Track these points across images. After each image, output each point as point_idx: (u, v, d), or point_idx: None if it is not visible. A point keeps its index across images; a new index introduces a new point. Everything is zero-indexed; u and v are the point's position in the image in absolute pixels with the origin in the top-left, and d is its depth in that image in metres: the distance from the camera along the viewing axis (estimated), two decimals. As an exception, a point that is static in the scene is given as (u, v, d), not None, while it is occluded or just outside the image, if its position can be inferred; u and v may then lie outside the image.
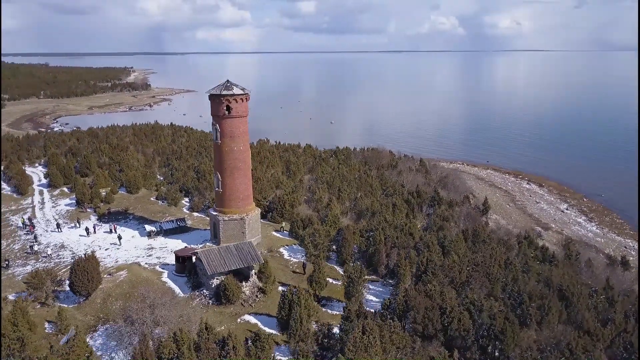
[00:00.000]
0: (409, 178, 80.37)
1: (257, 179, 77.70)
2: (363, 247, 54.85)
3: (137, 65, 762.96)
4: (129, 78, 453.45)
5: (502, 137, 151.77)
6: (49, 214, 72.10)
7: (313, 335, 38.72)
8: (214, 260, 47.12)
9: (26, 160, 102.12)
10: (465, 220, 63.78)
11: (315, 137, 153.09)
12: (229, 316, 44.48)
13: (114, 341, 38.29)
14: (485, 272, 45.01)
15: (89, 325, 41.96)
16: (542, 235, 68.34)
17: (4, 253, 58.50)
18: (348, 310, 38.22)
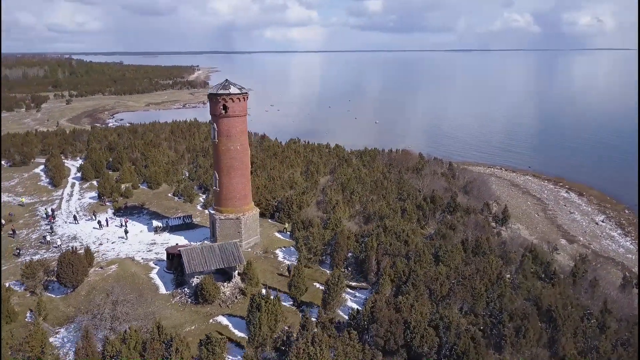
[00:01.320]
0: (426, 182, 77.18)
1: (271, 178, 77.78)
2: (357, 253, 53.10)
3: (205, 63, 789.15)
4: (193, 76, 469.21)
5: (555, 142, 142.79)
6: (73, 206, 75.51)
7: (273, 341, 37.82)
8: (194, 259, 47.24)
9: (69, 153, 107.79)
10: (474, 230, 60.29)
11: (354, 137, 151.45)
12: (203, 316, 44.43)
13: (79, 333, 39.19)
14: (471, 286, 42.18)
15: (68, 316, 43.24)
16: (559, 249, 63.28)
17: (22, 242, 61.89)
18: (305, 319, 36.99)
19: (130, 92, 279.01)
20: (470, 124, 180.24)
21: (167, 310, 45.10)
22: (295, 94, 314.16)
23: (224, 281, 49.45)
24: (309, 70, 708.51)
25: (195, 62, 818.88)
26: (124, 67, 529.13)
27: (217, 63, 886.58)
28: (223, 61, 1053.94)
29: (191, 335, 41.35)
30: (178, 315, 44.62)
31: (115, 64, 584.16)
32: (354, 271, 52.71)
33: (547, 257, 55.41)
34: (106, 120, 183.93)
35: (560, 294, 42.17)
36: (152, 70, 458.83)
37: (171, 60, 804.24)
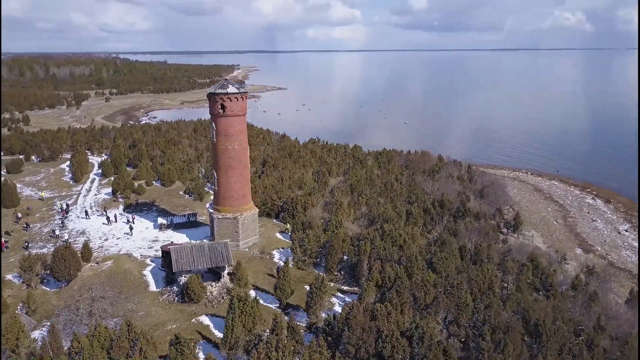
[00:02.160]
0: (436, 185, 74.96)
1: (280, 178, 77.55)
2: (352, 256, 52.09)
3: (247, 62, 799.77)
4: (232, 75, 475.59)
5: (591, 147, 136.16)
6: (89, 202, 77.63)
7: (245, 344, 37.42)
8: (182, 258, 47.47)
9: (95, 150, 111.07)
10: (477, 236, 58.02)
11: (379, 137, 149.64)
12: (187, 315, 44.57)
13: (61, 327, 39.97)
14: (457, 295, 40.49)
15: (56, 310, 44.19)
16: (572, 259, 60.07)
17: (33, 235, 64.03)
18: (275, 323, 36.38)
19: (167, 91, 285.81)
20: (505, 126, 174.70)
21: (153, 308, 45.52)
22: (329, 93, 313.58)
23: (214, 281, 49.59)
24: (347, 70, 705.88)
25: (239, 61, 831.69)
26: (166, 66, 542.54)
27: (258, 62, 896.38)
28: (265, 60, 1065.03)
29: (170, 334, 41.47)
30: (163, 313, 44.92)
31: (159, 63, 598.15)
32: (346, 275, 51.75)
33: (552, 266, 52.76)
34: (140, 118, 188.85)
35: (553, 307, 39.91)
36: (192, 69, 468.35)
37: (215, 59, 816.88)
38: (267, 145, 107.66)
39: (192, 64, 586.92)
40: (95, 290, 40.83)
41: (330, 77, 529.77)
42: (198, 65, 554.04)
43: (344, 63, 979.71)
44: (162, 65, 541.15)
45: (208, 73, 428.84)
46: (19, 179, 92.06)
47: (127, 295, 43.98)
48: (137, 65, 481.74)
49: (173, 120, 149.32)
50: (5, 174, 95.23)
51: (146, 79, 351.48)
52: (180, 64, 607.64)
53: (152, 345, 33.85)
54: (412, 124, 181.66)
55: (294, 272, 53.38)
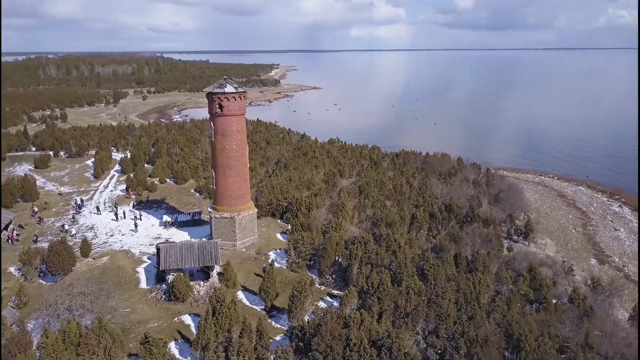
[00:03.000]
0: (446, 189, 72.61)
1: (289, 178, 77.18)
2: (345, 260, 51.09)
3: (289, 62, 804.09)
4: (270, 74, 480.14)
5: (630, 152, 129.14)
6: (104, 198, 79.55)
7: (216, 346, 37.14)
8: (171, 257, 47.73)
9: (120, 147, 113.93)
10: (480, 243, 55.79)
11: (406, 137, 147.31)
12: (171, 313, 44.80)
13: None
14: (439, 305, 38.92)
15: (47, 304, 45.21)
16: (583, 270, 56.76)
17: (45, 229, 66.01)
18: (244, 326, 35.91)
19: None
20: (541, 129, 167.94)
21: (140, 305, 46.00)
22: (364, 93, 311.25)
23: (205, 280, 49.66)
24: (388, 69, 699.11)
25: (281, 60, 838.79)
26: (207, 65, 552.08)
27: (299, 62, 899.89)
28: (306, 60, 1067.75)
29: (151, 332, 41.70)
30: (148, 310, 45.33)
31: (201, 62, 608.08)
32: (337, 279, 50.80)
33: (557, 278, 50.14)
34: (172, 116, 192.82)
35: (541, 322, 37.75)
36: (231, 68, 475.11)
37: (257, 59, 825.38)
38: (286, 144, 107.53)
39: (233, 63, 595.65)
40: (77, 286, 41.49)
41: (368, 76, 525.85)
42: (239, 65, 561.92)
43: (386, 62, 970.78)
44: (202, 65, 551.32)
45: (245, 72, 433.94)
46: (45, 174, 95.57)
47: (112, 292, 44.35)
48: (178, 64, 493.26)
49: (203, 118, 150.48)
50: (33, 168, 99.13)
51: (184, 77, 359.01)
52: (222, 63, 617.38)
53: (120, 344, 34.00)
54: (443, 125, 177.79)
55: (287, 274, 53.02)
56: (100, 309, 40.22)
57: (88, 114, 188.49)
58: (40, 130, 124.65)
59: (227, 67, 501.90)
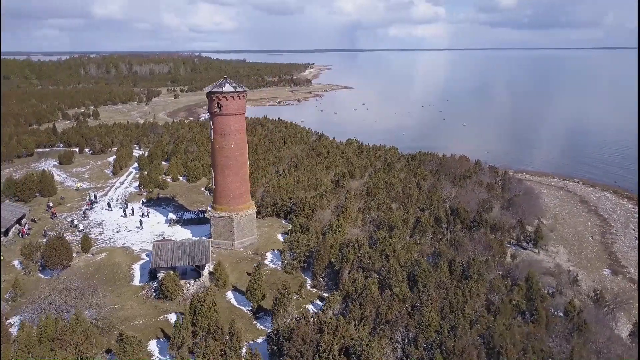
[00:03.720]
0: (455, 193, 70.36)
1: (298, 178, 76.78)
2: (337, 263, 50.23)
3: (326, 61, 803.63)
4: (304, 73, 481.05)
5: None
6: (117, 194, 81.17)
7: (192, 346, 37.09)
8: (162, 255, 48.12)
9: (142, 144, 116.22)
10: (482, 249, 53.78)
11: (431, 138, 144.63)
12: (158, 311, 45.13)
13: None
14: (420, 313, 37.63)
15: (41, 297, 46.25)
16: (593, 281, 53.87)
17: (56, 224, 67.77)
18: (216, 328, 35.61)
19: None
20: (574, 132, 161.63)
21: (129, 302, 46.53)
22: (395, 93, 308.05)
23: (196, 279, 49.80)
24: (423, 69, 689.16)
25: (319, 60, 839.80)
26: (243, 64, 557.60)
27: (335, 61, 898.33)
28: (343, 59, 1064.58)
29: (135, 329, 42.17)
30: (137, 307, 45.77)
31: (238, 62, 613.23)
32: (329, 282, 49.97)
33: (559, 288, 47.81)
34: (200, 115, 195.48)
35: (527, 334, 35.94)
36: (265, 68, 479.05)
37: (294, 58, 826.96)
38: (303, 144, 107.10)
39: (268, 63, 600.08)
40: (63, 281, 42.23)
41: (402, 76, 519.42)
42: (273, 64, 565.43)
43: (423, 62, 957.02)
44: (238, 64, 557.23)
45: (279, 71, 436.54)
46: (67, 170, 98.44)
47: (98, 289, 44.77)
48: (214, 64, 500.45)
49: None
50: (57, 164, 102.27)
51: (217, 76, 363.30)
52: (258, 62, 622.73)
53: (94, 341, 34.29)
54: (471, 126, 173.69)
55: (280, 275, 52.59)
56: (85, 304, 40.67)
57: (120, 112, 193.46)
58: (68, 128, 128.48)
59: (261, 66, 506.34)
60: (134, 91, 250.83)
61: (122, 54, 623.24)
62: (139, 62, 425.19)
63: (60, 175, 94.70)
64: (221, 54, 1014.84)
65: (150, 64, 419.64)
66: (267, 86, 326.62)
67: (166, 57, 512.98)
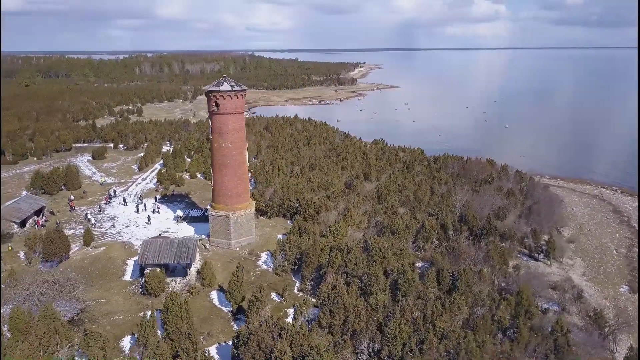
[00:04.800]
0: (465, 198, 66.95)
1: (309, 179, 76.02)
2: (325, 267, 49.10)
3: (378, 60, 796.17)
4: (353, 72, 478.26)
5: None
6: (137, 190, 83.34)
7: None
8: (150, 252, 48.73)
9: (173, 141, 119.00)
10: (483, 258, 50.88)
11: (468, 140, 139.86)
12: (140, 307, 45.76)
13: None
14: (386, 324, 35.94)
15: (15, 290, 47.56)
16: (586, 297, 49.58)
17: (72, 217, 70.28)
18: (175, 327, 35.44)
19: (279, 87, 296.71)
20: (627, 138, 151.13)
21: (115, 297, 47.41)
22: (441, 93, 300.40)
23: (184, 277, 50.09)
24: (478, 69, 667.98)
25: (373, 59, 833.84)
26: (295, 63, 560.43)
27: (389, 60, 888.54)
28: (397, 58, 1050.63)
29: (113, 324, 42.89)
30: (122, 302, 46.55)
31: (290, 60, 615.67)
32: (316, 285, 48.84)
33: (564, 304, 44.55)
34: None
35: (500, 353, 33.54)
36: (314, 67, 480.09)
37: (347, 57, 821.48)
38: (329, 144, 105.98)
39: (319, 62, 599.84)
40: (45, 274, 43.45)
41: (455, 76, 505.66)
42: (324, 63, 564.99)
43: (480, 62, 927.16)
44: (289, 63, 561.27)
45: (327, 71, 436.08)
46: (98, 164, 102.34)
47: (78, 283, 45.38)
48: (264, 63, 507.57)
49: (269, 115, 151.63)
50: (91, 159, 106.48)
51: (264, 75, 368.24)
52: (308, 61, 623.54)
53: (54, 332, 34.94)
54: (513, 128, 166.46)
55: (269, 277, 52.09)
56: (65, 297, 41.61)
57: (165, 109, 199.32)
58: (107, 124, 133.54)
59: (310, 65, 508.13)
60: (181, 89, 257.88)
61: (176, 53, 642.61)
62: (191, 61, 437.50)
63: (90, 169, 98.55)
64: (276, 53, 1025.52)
65: (202, 62, 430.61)
66: (313, 85, 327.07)
67: (217, 56, 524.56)
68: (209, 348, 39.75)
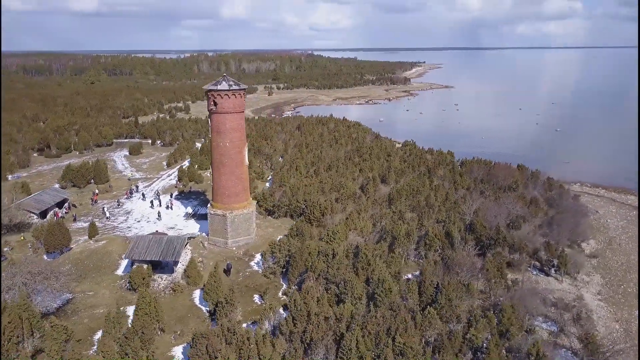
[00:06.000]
0: (475, 205, 63.00)
1: (320, 180, 75.03)
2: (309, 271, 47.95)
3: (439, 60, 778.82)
4: (410, 72, 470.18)
5: None
6: (160, 185, 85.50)
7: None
8: (138, 247, 49.60)
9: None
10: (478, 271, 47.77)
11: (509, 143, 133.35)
12: (123, 302, 46.26)
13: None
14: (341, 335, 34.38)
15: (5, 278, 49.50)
16: (594, 318, 45.00)
17: (92, 209, 73.03)
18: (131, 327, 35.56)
19: (330, 87, 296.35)
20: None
21: (103, 290, 48.62)
22: (497, 93, 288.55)
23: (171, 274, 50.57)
24: (543, 69, 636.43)
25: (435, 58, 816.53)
26: (348, 61, 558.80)
27: (450, 59, 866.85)
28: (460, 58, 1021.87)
29: (92, 317, 43.89)
30: (107, 296, 47.67)
31: (348, 60, 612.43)
32: (300, 290, 47.75)
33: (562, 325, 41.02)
34: (284, 112, 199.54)
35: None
36: (369, 66, 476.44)
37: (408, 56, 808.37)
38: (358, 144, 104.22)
39: (376, 61, 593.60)
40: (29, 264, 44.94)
41: (516, 76, 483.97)
42: (381, 62, 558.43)
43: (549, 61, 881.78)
44: (346, 61, 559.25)
45: (382, 70, 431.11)
46: (132, 160, 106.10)
47: (60, 274, 46.51)
48: (319, 61, 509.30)
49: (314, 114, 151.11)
50: (127, 154, 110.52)
51: (317, 74, 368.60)
52: (365, 60, 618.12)
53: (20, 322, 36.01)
54: (566, 132, 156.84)
55: (257, 278, 51.63)
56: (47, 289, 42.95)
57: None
58: (148, 121, 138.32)
59: (366, 64, 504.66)
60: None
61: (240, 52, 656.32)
62: (248, 60, 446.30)
63: (124, 164, 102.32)
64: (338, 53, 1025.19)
65: (258, 61, 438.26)
66: (364, 84, 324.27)
67: (274, 55, 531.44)
68: (175, 347, 39.89)
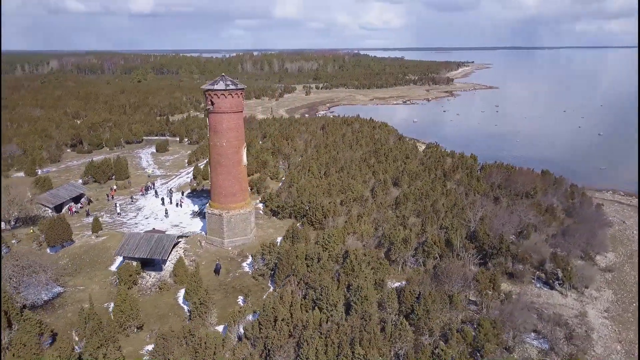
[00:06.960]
0: (480, 212, 59.85)
1: (329, 182, 74.08)
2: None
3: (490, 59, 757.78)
4: (455, 72, 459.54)
5: None
6: (176, 183, 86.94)
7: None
8: (128, 244, 50.36)
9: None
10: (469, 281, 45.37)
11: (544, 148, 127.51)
12: (110, 297, 47.16)
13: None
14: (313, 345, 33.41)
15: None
16: (594, 337, 41.50)
17: (105, 205, 75.00)
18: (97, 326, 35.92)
19: (369, 87, 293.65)
20: None
21: (93, 285, 49.70)
22: (543, 95, 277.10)
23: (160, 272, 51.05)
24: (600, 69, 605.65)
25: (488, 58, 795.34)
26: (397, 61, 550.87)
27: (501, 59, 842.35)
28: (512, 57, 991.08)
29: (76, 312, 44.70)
30: (97, 291, 48.70)
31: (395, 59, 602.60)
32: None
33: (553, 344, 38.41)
34: (318, 112, 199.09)
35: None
36: (413, 66, 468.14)
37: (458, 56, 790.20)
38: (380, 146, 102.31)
39: (423, 60, 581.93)
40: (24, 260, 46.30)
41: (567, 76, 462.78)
42: (427, 62, 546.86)
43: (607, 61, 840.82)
44: (392, 61, 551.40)
45: (426, 70, 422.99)
46: (157, 157, 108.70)
47: (46, 268, 47.62)
48: (363, 61, 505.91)
49: (349, 114, 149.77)
50: (154, 151, 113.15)
51: (358, 74, 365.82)
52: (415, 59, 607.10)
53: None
54: (608, 136, 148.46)
55: (245, 280, 51.32)
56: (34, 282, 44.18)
57: (248, 106, 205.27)
58: (177, 119, 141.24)
59: (411, 64, 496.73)
60: (271, 87, 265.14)
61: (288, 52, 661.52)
62: (291, 59, 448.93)
63: (148, 161, 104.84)
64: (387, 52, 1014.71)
65: (301, 61, 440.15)
66: (406, 84, 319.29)
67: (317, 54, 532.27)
68: (148, 346, 40.05)
